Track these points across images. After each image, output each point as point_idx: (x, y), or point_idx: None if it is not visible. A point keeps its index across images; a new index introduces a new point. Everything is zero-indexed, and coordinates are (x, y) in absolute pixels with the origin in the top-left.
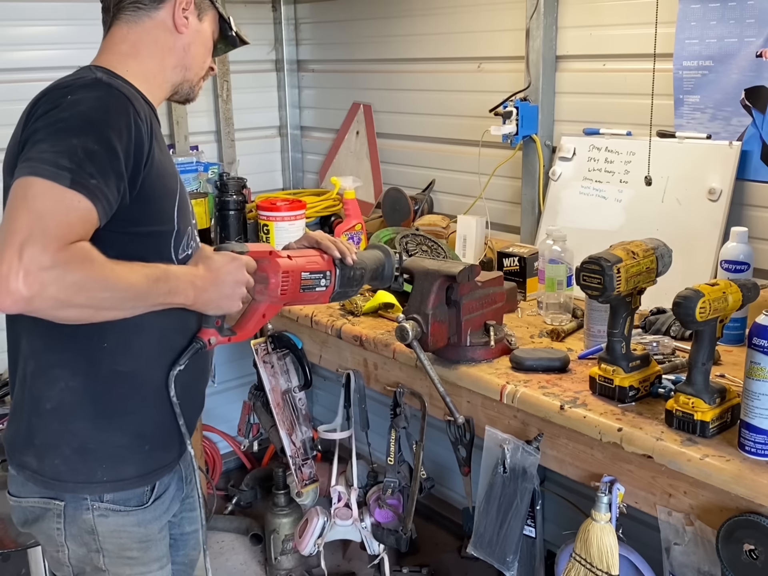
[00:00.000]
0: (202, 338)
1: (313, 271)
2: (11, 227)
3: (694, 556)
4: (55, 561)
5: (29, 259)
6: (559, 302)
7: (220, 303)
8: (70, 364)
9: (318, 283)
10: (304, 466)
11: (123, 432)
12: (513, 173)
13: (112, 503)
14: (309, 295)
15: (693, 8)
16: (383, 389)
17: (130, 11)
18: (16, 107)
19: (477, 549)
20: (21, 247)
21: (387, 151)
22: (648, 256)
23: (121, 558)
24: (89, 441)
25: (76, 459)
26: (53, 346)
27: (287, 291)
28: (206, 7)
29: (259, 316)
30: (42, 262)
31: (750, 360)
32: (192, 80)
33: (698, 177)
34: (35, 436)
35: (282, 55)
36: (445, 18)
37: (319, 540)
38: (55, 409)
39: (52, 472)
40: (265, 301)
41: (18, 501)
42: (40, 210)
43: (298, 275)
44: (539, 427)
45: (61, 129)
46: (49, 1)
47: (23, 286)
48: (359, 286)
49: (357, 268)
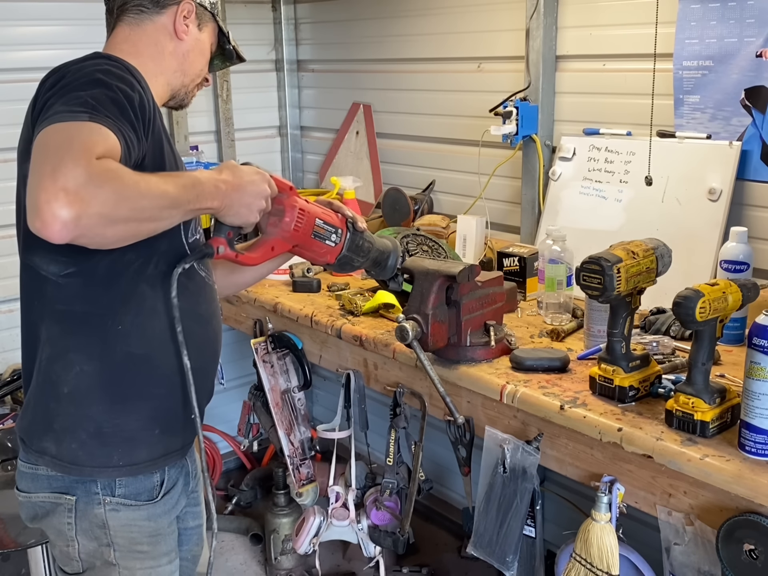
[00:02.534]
0: (212, 245)
1: (326, 222)
2: (39, 165)
3: (694, 556)
4: (65, 556)
5: (64, 178)
6: (559, 302)
7: (239, 210)
8: (85, 347)
9: (329, 236)
10: (302, 466)
11: (136, 416)
12: (513, 173)
13: (123, 497)
14: (318, 246)
15: (693, 8)
16: (383, 389)
17: (133, 14)
18: (16, 107)
19: (477, 549)
20: (53, 173)
21: (387, 151)
22: (648, 256)
23: (132, 552)
24: (105, 425)
25: (93, 443)
26: (69, 329)
27: (300, 230)
28: (207, 19)
29: (268, 248)
30: (76, 177)
31: (750, 360)
32: (188, 86)
33: (698, 177)
34: (54, 421)
35: (282, 55)
36: (444, 18)
37: (315, 539)
38: (71, 393)
39: (70, 456)
40: (275, 235)
41: (27, 496)
42: (63, 140)
43: (313, 219)
44: (539, 427)
45: (70, 89)
46: (49, 1)
47: (66, 207)
48: (365, 259)
49: (366, 239)
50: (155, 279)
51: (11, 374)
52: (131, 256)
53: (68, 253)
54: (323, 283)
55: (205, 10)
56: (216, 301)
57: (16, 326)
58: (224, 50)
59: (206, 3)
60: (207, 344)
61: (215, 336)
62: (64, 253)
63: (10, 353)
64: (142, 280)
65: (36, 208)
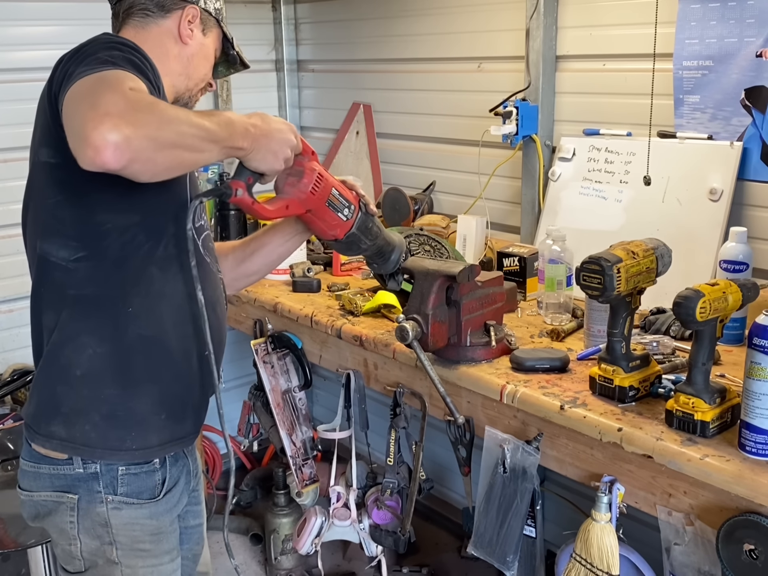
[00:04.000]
0: (231, 186)
1: (342, 194)
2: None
3: (694, 556)
4: (67, 554)
5: (105, 106)
6: (558, 302)
7: (266, 156)
8: (97, 330)
9: (342, 209)
10: (304, 466)
11: (146, 400)
12: (513, 173)
13: (126, 496)
14: (330, 216)
15: (693, 8)
16: (383, 389)
17: (139, 17)
18: (16, 107)
19: (477, 549)
20: (93, 106)
21: (387, 151)
22: (648, 256)
23: (134, 550)
24: (118, 408)
25: (105, 425)
26: (79, 314)
27: (316, 194)
28: (212, 25)
29: (283, 205)
30: (117, 102)
31: (750, 360)
32: (192, 90)
33: (699, 177)
34: (62, 404)
35: (282, 55)
36: (445, 18)
37: (317, 540)
38: (84, 375)
39: (82, 438)
40: (292, 195)
41: (29, 495)
42: (93, 83)
43: (329, 187)
44: (539, 427)
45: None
46: (49, 1)
47: (114, 130)
48: (372, 243)
49: (375, 224)
50: (164, 261)
51: (11, 374)
52: (141, 238)
53: (79, 237)
54: (323, 283)
55: (209, 15)
56: (220, 290)
57: (17, 326)
58: (228, 56)
59: (211, 9)
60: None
61: (220, 323)
62: (75, 238)
63: (10, 353)
64: (152, 262)
65: (84, 137)
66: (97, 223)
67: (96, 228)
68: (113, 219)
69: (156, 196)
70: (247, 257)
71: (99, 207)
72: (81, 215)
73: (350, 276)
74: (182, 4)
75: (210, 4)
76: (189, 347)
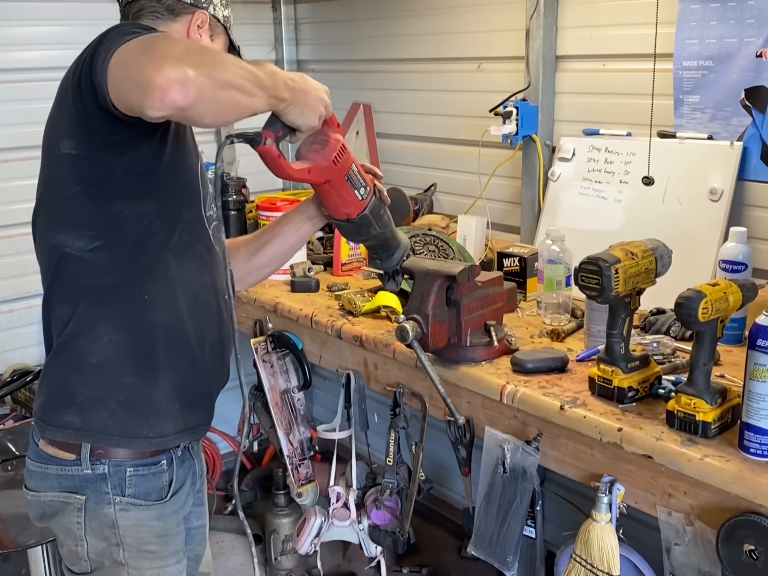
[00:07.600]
0: (261, 134)
1: (360, 173)
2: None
3: (695, 557)
4: (73, 555)
5: (161, 51)
6: (558, 302)
7: (304, 110)
8: (113, 319)
9: (359, 187)
10: (300, 466)
11: (162, 388)
12: (513, 173)
13: (134, 497)
14: (347, 192)
15: (693, 8)
16: (383, 389)
17: (148, 20)
18: (16, 107)
19: (477, 549)
20: (148, 56)
21: (387, 151)
22: (647, 257)
23: (141, 552)
24: (135, 395)
25: (123, 413)
26: (95, 304)
27: (338, 165)
28: (219, 32)
29: (305, 168)
30: (172, 46)
31: (753, 362)
32: None
33: (699, 177)
34: (77, 393)
35: (282, 55)
36: (444, 18)
37: (316, 540)
38: (100, 363)
39: (99, 425)
40: (314, 162)
41: (36, 495)
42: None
43: (350, 162)
44: (539, 427)
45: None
46: (49, 1)
47: (176, 69)
48: (381, 231)
49: (387, 213)
50: (179, 248)
51: (11, 374)
52: (158, 225)
53: (97, 226)
54: (323, 283)
55: (218, 22)
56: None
57: (16, 326)
58: None
59: (219, 16)
60: (223, 320)
61: (230, 314)
62: (92, 227)
63: (10, 353)
64: (168, 249)
65: (147, 82)
66: (115, 211)
67: (114, 216)
68: (131, 206)
69: (171, 182)
70: (259, 249)
71: (117, 195)
72: (98, 204)
73: (350, 276)
74: (192, 9)
75: (219, 11)
76: (202, 336)
